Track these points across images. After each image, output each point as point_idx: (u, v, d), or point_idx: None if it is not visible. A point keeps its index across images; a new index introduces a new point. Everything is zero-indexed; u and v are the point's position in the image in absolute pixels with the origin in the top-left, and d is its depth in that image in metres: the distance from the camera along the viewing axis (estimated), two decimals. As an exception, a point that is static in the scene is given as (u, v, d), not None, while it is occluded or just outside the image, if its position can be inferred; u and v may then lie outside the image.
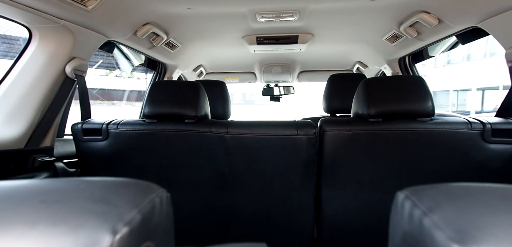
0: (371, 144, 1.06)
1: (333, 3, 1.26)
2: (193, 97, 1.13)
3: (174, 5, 1.28)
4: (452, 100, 15.53)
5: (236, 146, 1.10)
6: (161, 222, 0.32)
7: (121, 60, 1.85)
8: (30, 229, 0.23)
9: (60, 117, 1.22)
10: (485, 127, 0.99)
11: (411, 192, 0.33)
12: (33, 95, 1.08)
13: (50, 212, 0.25)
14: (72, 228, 0.23)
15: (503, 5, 1.00)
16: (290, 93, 3.30)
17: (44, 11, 0.98)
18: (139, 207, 0.27)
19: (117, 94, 14.70)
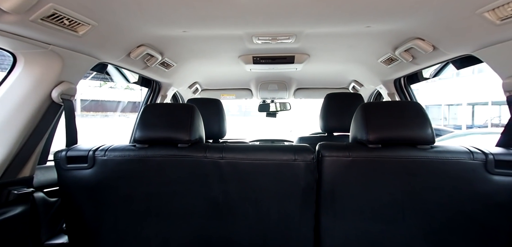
0: (371, 171, 1.03)
1: (329, 28, 1.26)
2: (187, 120, 1.09)
3: (170, 29, 1.26)
4: (444, 114, 15.81)
5: (231, 172, 1.05)
6: None
7: (115, 76, 1.81)
8: None
9: (43, 144, 1.15)
10: (488, 158, 0.96)
11: None
12: (14, 122, 1.02)
13: None
14: None
15: (498, 37, 1.01)
16: (286, 109, 3.29)
17: (31, 37, 0.94)
18: None
19: (111, 106, 14.53)
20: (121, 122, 12.43)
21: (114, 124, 12.69)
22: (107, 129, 11.23)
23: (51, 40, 1.00)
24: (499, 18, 0.90)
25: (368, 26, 1.21)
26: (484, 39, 1.06)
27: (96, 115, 13.74)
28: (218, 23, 1.18)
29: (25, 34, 0.92)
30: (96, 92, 13.11)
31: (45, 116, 1.11)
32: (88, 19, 0.98)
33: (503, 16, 0.89)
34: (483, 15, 0.92)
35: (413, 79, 1.96)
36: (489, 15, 0.91)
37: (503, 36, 0.99)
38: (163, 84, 2.18)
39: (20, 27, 0.87)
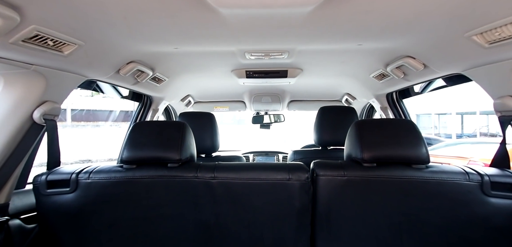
0: (367, 191, 1.01)
1: (321, 45, 1.25)
2: (177, 138, 1.05)
3: (161, 46, 1.23)
4: (434, 123, 16.13)
5: (223, 193, 1.02)
6: None
7: (106, 90, 1.76)
8: None
9: (21, 167, 1.09)
10: (483, 179, 0.96)
11: None
12: None
13: None
14: None
15: (487, 59, 1.02)
16: (280, 121, 3.29)
17: (11, 58, 0.90)
18: None
19: (102, 115, 14.27)
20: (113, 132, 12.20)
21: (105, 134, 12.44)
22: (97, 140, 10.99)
23: (34, 60, 0.95)
24: (487, 42, 0.91)
25: (360, 45, 1.22)
26: (474, 60, 1.07)
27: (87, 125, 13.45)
28: (210, 41, 1.17)
29: (5, 56, 0.87)
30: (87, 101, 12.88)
31: (25, 139, 1.05)
32: (74, 39, 0.95)
33: (491, 40, 0.89)
34: (472, 38, 0.93)
35: (405, 94, 1.98)
36: (478, 38, 0.92)
37: (492, 58, 1.00)
38: (155, 98, 2.14)
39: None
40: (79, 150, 9.44)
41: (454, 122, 14.41)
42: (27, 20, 0.77)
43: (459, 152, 4.92)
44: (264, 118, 3.19)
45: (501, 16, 0.79)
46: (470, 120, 14.26)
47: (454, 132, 13.73)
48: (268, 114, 3.17)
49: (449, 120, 15.06)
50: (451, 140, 9.00)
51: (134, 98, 2.01)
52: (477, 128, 13.29)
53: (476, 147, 5.31)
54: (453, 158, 4.58)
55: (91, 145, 10.47)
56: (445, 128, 15.67)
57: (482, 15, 0.81)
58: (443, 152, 5.27)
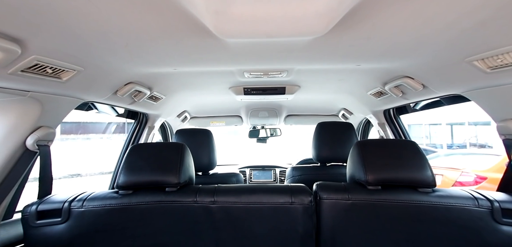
0: (373, 216, 0.98)
1: (320, 66, 1.26)
2: (176, 161, 1.02)
3: (159, 68, 1.21)
4: (425, 133, 16.43)
5: (223, 218, 0.98)
6: None
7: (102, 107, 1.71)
8: None
9: (10, 197, 1.03)
10: (493, 205, 0.94)
11: None
12: None
13: None
14: None
15: (488, 83, 1.02)
16: (276, 135, 3.27)
17: (8, 87, 0.86)
18: None
19: (93, 128, 13.96)
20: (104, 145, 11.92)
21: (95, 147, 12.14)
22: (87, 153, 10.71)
23: (31, 88, 0.92)
24: (489, 67, 0.91)
25: (359, 65, 1.22)
26: (474, 83, 1.07)
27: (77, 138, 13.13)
28: (209, 63, 1.15)
29: (2, 85, 0.84)
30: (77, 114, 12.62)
31: (16, 167, 1.00)
32: (73, 66, 0.92)
33: (492, 65, 0.89)
34: (472, 63, 0.93)
35: (402, 110, 2.00)
36: (479, 64, 0.92)
37: (493, 82, 1.00)
38: (151, 115, 2.10)
39: None
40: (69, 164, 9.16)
41: (444, 133, 14.71)
42: (28, 51, 0.75)
43: (451, 163, 4.99)
44: (261, 132, 3.17)
45: (504, 44, 0.79)
46: (459, 131, 14.59)
47: (445, 142, 13.99)
48: (264, 128, 3.15)
49: (439, 130, 15.38)
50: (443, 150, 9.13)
51: (129, 116, 1.97)
52: (467, 139, 13.59)
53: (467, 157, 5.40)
54: (446, 169, 4.64)
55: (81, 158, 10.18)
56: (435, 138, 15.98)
57: (484, 42, 0.81)
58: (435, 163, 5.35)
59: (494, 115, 1.13)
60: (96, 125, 13.95)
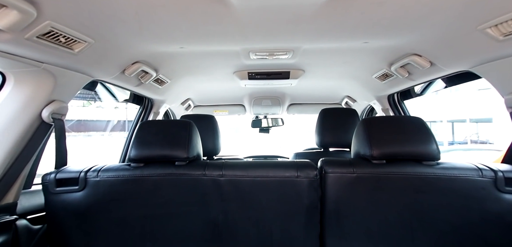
0: (377, 188, 1.00)
1: (326, 44, 1.26)
2: (184, 137, 1.04)
3: (166, 45, 1.23)
4: (426, 130, 16.40)
5: (231, 190, 1.01)
6: None
7: (104, 96, 1.73)
8: None
9: (29, 167, 1.06)
10: (497, 175, 0.95)
11: None
12: (3, 141, 0.94)
13: None
14: None
15: (499, 53, 1.00)
16: (278, 125, 3.28)
17: (24, 56, 0.89)
18: None
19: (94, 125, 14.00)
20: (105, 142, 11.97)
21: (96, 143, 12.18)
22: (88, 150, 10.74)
23: (45, 58, 0.94)
24: (502, 34, 0.89)
25: (366, 42, 1.22)
26: (485, 55, 1.06)
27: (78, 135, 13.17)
28: (216, 39, 1.16)
29: (18, 52, 0.86)
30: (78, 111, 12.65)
31: (34, 138, 1.03)
32: (84, 37, 0.94)
33: (507, 31, 0.87)
34: (485, 31, 0.91)
35: (406, 95, 2.00)
36: (492, 31, 0.90)
37: (505, 52, 0.99)
38: (156, 101, 2.11)
39: (13, 45, 0.81)
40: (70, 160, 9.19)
41: (445, 130, 14.71)
42: (43, 15, 0.77)
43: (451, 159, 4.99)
44: (263, 122, 3.19)
45: None
46: (461, 128, 14.58)
47: (446, 139, 14.00)
48: (267, 118, 3.17)
49: (440, 128, 15.38)
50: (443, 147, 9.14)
51: (135, 101, 1.98)
52: (468, 135, 13.58)
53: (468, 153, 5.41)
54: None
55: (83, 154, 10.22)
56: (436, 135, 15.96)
57: (498, 4, 0.79)
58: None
59: (502, 89, 1.12)
60: (97, 122, 13.99)
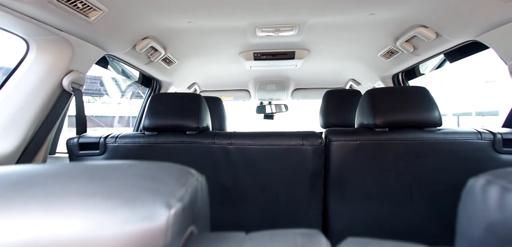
0: (379, 154, 1.04)
1: (332, 17, 1.28)
2: (194, 108, 1.09)
3: (176, 19, 1.26)
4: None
5: (240, 157, 1.06)
6: (202, 207, 0.32)
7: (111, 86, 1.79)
8: (85, 201, 0.23)
9: (53, 133, 1.13)
10: (496, 137, 0.98)
11: (496, 176, 0.30)
12: (28, 109, 1.01)
13: (101, 187, 0.25)
14: (127, 201, 0.23)
15: (505, 17, 1.01)
16: (282, 111, 3.32)
17: (44, 21, 0.93)
18: (186, 187, 0.27)
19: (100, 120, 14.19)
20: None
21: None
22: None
23: (63, 25, 0.98)
24: None
25: (372, 14, 1.24)
26: (491, 20, 1.06)
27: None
28: (223, 11, 1.19)
29: (40, 17, 0.91)
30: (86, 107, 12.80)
31: (57, 105, 1.10)
32: (100, 4, 0.98)
33: None
34: None
35: (410, 75, 2.02)
36: None
37: (510, 15, 0.99)
38: (164, 83, 2.16)
39: (36, 8, 0.85)
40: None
41: (450, 123, 14.58)
42: None
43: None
44: (267, 108, 3.22)
45: None
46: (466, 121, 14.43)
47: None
48: (271, 104, 3.20)
49: (445, 121, 15.23)
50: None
51: (144, 82, 2.03)
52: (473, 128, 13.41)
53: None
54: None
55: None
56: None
57: None
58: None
59: (506, 56, 1.13)
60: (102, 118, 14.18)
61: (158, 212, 0.23)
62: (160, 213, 0.23)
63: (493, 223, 0.28)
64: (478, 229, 0.30)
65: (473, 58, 1.42)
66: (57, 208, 0.22)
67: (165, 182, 0.27)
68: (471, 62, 10.32)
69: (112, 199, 0.23)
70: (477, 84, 12.15)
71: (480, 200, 0.30)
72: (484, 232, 0.29)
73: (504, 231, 0.26)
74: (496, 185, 0.28)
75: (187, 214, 0.26)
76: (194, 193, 0.29)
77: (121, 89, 3.12)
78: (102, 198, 0.23)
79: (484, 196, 0.29)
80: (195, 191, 0.29)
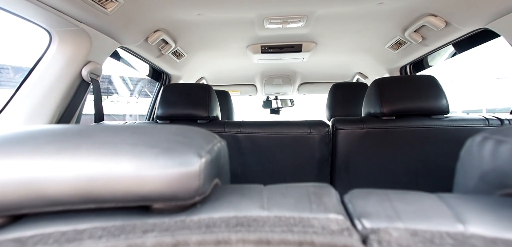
0: (386, 141, 1.06)
1: (340, 7, 1.28)
2: (205, 98, 1.13)
3: (186, 11, 1.30)
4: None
5: (249, 145, 1.09)
6: (224, 165, 0.37)
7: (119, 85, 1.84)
8: (132, 148, 0.27)
9: (74, 120, 1.18)
10: (503, 122, 0.99)
11: (492, 132, 0.33)
12: (51, 97, 1.06)
13: (144, 139, 0.29)
14: (166, 150, 0.27)
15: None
16: (288, 106, 3.33)
17: (65, 12, 0.98)
18: (212, 144, 0.32)
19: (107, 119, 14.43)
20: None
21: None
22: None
23: (83, 16, 1.03)
24: None
25: (381, 3, 1.24)
26: (502, 6, 1.04)
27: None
28: (233, 2, 1.21)
29: (62, 8, 0.95)
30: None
31: (77, 93, 1.15)
32: None
33: None
34: None
35: (418, 67, 2.01)
36: None
37: None
38: (173, 76, 2.20)
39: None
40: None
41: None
42: None
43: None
44: (273, 103, 3.25)
45: None
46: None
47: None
48: (277, 99, 3.22)
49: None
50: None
51: (154, 76, 2.08)
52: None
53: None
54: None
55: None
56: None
57: None
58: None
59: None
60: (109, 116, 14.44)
61: (192, 160, 0.27)
62: (194, 161, 0.27)
63: (486, 172, 0.30)
64: (472, 180, 0.33)
65: (484, 54, 1.40)
66: (112, 152, 0.27)
67: (195, 139, 0.31)
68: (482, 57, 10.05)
69: (153, 148, 0.27)
70: (488, 81, 11.86)
71: (476, 155, 0.33)
72: (477, 182, 0.32)
73: (495, 179, 0.29)
74: (491, 139, 0.31)
75: (213, 165, 0.30)
76: (218, 151, 0.33)
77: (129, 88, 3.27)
78: (146, 147, 0.27)
79: (480, 150, 0.32)
80: (219, 149, 0.33)
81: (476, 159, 0.32)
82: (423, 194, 0.29)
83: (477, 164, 0.32)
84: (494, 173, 0.30)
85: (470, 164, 0.34)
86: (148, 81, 2.06)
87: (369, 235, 0.24)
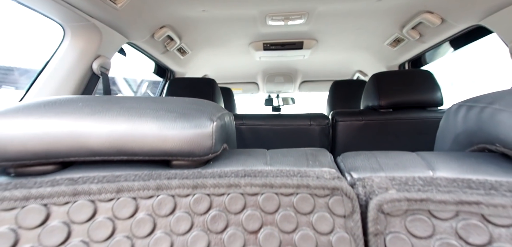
0: (383, 133, 1.11)
1: (340, 4, 1.33)
2: (209, 91, 1.19)
3: (191, 7, 1.35)
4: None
5: (251, 136, 1.14)
6: (231, 134, 0.42)
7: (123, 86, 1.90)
8: (154, 112, 0.33)
9: None
10: None
11: (466, 100, 0.38)
12: (65, 90, 1.11)
13: (163, 105, 0.35)
14: (182, 115, 0.33)
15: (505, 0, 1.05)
16: (289, 104, 3.39)
17: (78, 7, 1.03)
18: (220, 113, 0.37)
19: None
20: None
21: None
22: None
23: (94, 11, 1.08)
24: None
25: (379, 0, 1.29)
26: (493, 2, 1.09)
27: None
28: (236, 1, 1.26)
29: (74, 2, 1.00)
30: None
31: (88, 86, 1.20)
32: None
33: None
34: None
35: (417, 64, 2.05)
36: None
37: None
38: (177, 73, 2.26)
39: None
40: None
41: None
42: None
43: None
44: (275, 101, 3.30)
45: None
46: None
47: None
48: (279, 97, 3.27)
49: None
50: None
51: (158, 73, 2.14)
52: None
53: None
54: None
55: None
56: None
57: None
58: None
59: (507, 37, 1.16)
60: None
61: (205, 123, 0.33)
62: (207, 124, 0.32)
63: (458, 134, 0.36)
64: (448, 142, 0.39)
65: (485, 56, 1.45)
66: (138, 114, 0.32)
67: (206, 107, 0.37)
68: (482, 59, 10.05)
69: (172, 113, 0.33)
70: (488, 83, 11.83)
71: (452, 121, 0.38)
72: (452, 143, 0.37)
73: (465, 139, 0.35)
74: (464, 106, 0.37)
75: (223, 131, 0.36)
76: (227, 121, 0.39)
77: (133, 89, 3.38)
78: (166, 112, 0.33)
79: (454, 117, 0.38)
80: (227, 119, 0.39)
81: (452, 124, 0.38)
82: (405, 152, 0.34)
83: (452, 128, 0.38)
84: (464, 134, 0.35)
85: (447, 130, 0.39)
86: (152, 83, 2.12)
87: (356, 182, 0.30)
